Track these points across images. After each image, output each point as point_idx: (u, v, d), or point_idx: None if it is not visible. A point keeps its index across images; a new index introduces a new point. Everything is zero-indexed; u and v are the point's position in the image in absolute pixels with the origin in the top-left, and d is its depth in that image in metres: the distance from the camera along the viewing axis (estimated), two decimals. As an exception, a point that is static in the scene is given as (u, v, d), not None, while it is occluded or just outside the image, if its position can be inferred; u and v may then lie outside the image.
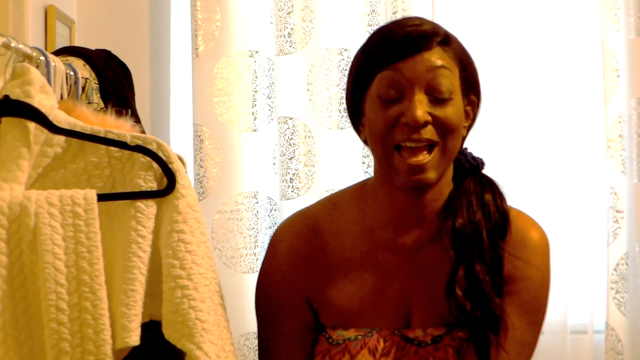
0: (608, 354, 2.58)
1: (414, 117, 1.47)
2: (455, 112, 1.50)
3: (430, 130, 1.49)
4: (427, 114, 1.48)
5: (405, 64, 1.49)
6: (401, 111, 1.49)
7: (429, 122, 1.49)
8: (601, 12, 2.58)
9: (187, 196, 1.41)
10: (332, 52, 2.58)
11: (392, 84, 1.50)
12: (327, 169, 2.58)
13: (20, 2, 2.07)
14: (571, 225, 2.62)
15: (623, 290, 2.59)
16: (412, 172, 1.49)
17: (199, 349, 1.36)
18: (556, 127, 2.63)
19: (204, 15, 2.57)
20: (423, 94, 1.49)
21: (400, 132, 1.49)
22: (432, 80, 1.49)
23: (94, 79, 1.89)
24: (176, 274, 1.37)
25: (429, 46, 1.50)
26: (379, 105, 1.51)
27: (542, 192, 2.61)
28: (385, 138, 1.51)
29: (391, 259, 1.59)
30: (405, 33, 1.50)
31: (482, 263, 1.53)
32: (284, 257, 1.62)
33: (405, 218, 1.58)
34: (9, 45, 1.47)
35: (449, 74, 1.50)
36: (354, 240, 1.60)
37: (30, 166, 1.41)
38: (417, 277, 1.58)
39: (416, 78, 1.48)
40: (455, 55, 1.52)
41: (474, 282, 1.52)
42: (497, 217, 1.57)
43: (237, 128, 2.58)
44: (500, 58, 2.68)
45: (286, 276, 1.61)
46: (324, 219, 1.63)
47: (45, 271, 1.32)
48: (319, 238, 1.61)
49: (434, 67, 1.49)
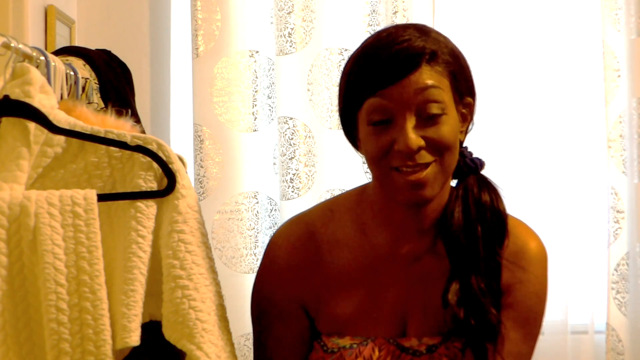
0: (609, 354, 2.58)
1: (407, 145, 1.44)
2: (448, 129, 1.47)
3: (424, 154, 1.46)
4: (419, 139, 1.45)
5: (393, 90, 1.44)
6: (393, 138, 1.45)
7: (422, 147, 1.45)
8: (602, 12, 2.58)
9: (188, 196, 1.41)
10: (332, 52, 2.58)
11: (381, 111, 1.45)
12: (328, 169, 2.58)
13: (20, 2, 2.07)
14: (572, 225, 2.62)
15: (624, 290, 2.59)
16: (413, 187, 1.47)
17: (199, 349, 1.36)
18: (557, 127, 2.63)
19: (204, 15, 2.57)
20: (413, 116, 1.45)
21: (395, 158, 1.46)
22: (422, 102, 1.44)
23: (94, 79, 1.89)
24: (176, 274, 1.37)
25: (415, 66, 1.44)
26: (371, 131, 1.47)
27: (543, 192, 2.61)
28: (381, 163, 1.48)
29: (388, 268, 1.58)
30: (390, 55, 1.45)
31: (479, 272, 1.52)
32: (281, 263, 1.60)
33: (404, 231, 1.57)
34: (9, 45, 1.46)
35: (438, 91, 1.45)
36: (351, 250, 1.59)
37: (30, 166, 1.41)
38: (413, 287, 1.57)
39: (405, 103, 1.44)
40: (444, 68, 1.47)
41: (469, 292, 1.51)
42: (493, 219, 1.55)
43: (237, 128, 2.58)
44: (501, 58, 2.68)
45: (283, 283, 1.60)
46: (321, 227, 1.61)
47: (45, 271, 1.32)
48: (316, 246, 1.60)
49: (422, 88, 1.44)
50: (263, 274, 1.63)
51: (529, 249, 1.57)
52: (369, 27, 2.57)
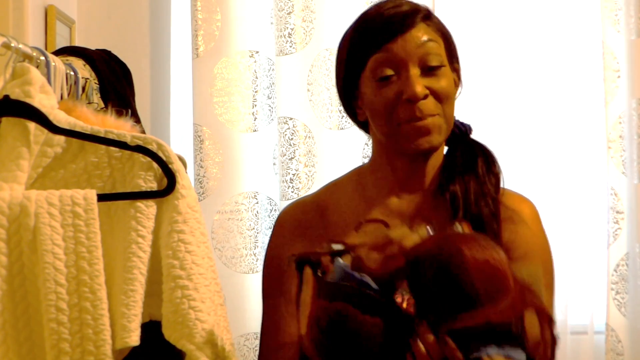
0: (608, 355, 2.58)
1: (414, 92, 1.56)
2: (447, 81, 1.60)
3: (429, 103, 1.58)
4: (424, 88, 1.57)
5: (396, 44, 1.58)
6: (399, 89, 1.58)
7: (428, 95, 1.58)
8: (602, 13, 2.58)
9: (187, 196, 1.41)
10: (332, 53, 2.58)
11: (387, 64, 1.59)
12: (327, 169, 2.58)
13: (20, 2, 2.07)
14: (571, 226, 2.62)
15: (623, 291, 2.59)
16: (421, 134, 1.58)
17: (199, 349, 1.36)
18: (556, 128, 2.63)
19: (204, 15, 2.57)
20: (417, 68, 1.58)
21: (403, 110, 1.57)
22: (424, 54, 1.58)
23: (94, 79, 1.89)
24: (176, 274, 1.37)
25: (414, 23, 1.59)
26: (376, 86, 1.59)
27: (543, 192, 2.61)
28: (389, 117, 1.59)
29: (390, 224, 1.62)
30: (390, 15, 1.60)
31: (479, 216, 1.60)
32: (288, 227, 1.70)
33: (406, 186, 1.65)
34: (9, 45, 1.46)
35: (436, 45, 1.60)
36: (353, 210, 1.67)
37: (30, 166, 1.41)
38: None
39: (408, 55, 1.58)
40: (437, 28, 1.62)
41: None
42: (490, 180, 1.65)
43: (237, 128, 2.58)
44: (501, 58, 2.67)
45: (287, 241, 1.68)
46: (325, 195, 1.72)
47: (45, 271, 1.32)
48: (320, 211, 1.69)
49: (422, 42, 1.59)
50: (272, 239, 1.73)
51: (523, 208, 1.66)
52: (369, 27, 2.57)
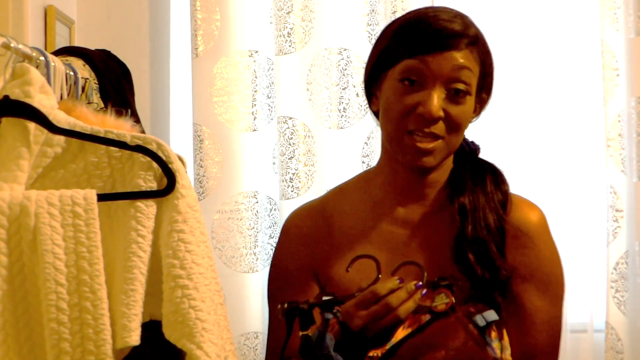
0: (608, 353, 2.58)
1: (430, 111, 1.56)
2: (466, 111, 1.60)
3: (440, 126, 1.57)
4: (441, 110, 1.57)
5: (432, 58, 1.57)
6: (419, 101, 1.57)
7: (441, 118, 1.57)
8: (600, 12, 2.58)
9: (187, 196, 1.41)
10: (331, 52, 2.58)
11: (416, 73, 1.58)
12: (327, 169, 2.58)
13: (20, 2, 2.07)
14: (571, 224, 2.62)
15: (623, 289, 2.59)
16: (417, 153, 1.59)
17: (199, 348, 1.36)
18: (555, 126, 2.63)
19: (203, 15, 2.57)
20: (442, 88, 1.57)
21: (413, 121, 1.58)
22: (454, 78, 1.57)
23: (93, 79, 1.89)
24: (176, 274, 1.37)
25: (458, 45, 1.58)
26: (399, 88, 1.59)
27: (542, 191, 2.61)
28: (399, 123, 1.59)
29: (395, 232, 1.66)
30: (439, 28, 1.58)
31: (486, 228, 1.61)
32: (294, 235, 1.71)
33: (407, 194, 1.66)
34: (8, 45, 1.47)
35: (470, 74, 1.58)
36: (359, 217, 1.68)
37: (30, 166, 1.41)
38: (420, 249, 1.64)
39: (440, 73, 1.57)
40: (479, 56, 1.61)
41: (479, 246, 1.59)
42: (499, 198, 1.65)
43: (237, 128, 2.58)
44: (500, 58, 2.64)
45: (294, 251, 1.70)
46: (331, 201, 1.72)
47: (45, 271, 1.32)
48: (326, 218, 1.70)
49: (458, 66, 1.57)
50: (278, 247, 1.74)
51: (531, 221, 1.66)
52: (368, 26, 2.57)
